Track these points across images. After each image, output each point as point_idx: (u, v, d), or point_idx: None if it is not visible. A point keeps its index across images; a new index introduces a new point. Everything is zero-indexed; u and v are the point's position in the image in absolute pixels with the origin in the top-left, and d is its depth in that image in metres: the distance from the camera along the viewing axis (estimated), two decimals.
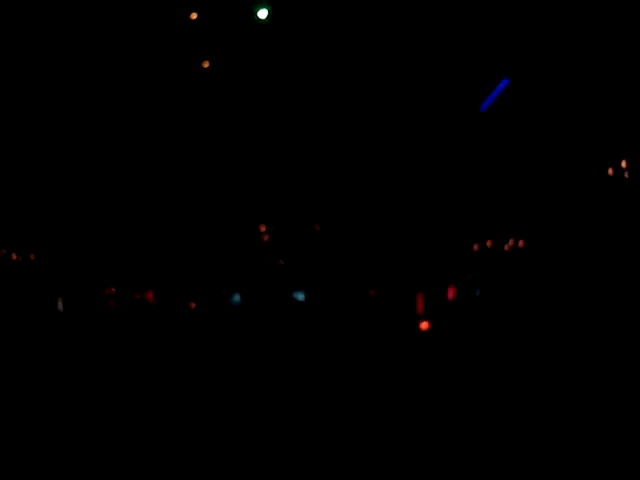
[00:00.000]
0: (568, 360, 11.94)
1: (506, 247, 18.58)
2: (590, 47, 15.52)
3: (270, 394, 10.02)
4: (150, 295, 19.41)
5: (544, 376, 10.75)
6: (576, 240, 16.59)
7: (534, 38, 16.15)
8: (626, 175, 15.67)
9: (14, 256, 17.98)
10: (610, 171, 15.86)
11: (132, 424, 8.34)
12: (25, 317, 17.40)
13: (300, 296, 21.63)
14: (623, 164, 15.86)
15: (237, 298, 21.55)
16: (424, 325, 18.01)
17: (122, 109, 18.12)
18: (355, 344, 15.78)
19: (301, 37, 17.09)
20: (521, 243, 18.31)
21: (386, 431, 7.73)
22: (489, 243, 19.09)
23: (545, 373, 11.01)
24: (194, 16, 16.46)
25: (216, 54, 17.43)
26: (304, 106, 18.98)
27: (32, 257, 18.25)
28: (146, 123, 18.54)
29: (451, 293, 18.81)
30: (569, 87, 15.96)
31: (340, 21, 16.41)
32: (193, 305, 19.56)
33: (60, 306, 18.66)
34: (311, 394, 9.89)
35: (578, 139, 16.32)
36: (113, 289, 19.15)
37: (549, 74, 16.38)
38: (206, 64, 17.69)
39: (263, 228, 20.72)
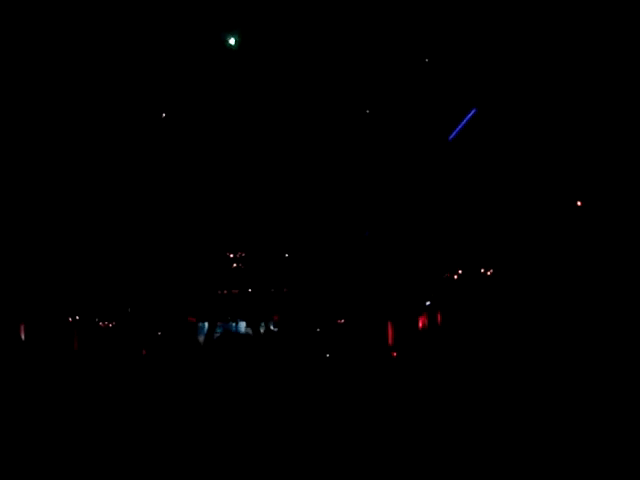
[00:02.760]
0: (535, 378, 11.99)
1: (473, 275, 18.70)
2: (553, 79, 15.88)
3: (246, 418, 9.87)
4: (114, 324, 19.13)
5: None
6: (540, 271, 16.73)
7: (501, 71, 16.46)
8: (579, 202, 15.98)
9: None
10: (576, 201, 16.15)
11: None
12: None
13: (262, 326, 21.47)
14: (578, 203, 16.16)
15: (206, 327, 21.33)
16: (393, 353, 17.99)
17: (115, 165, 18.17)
18: (323, 371, 15.67)
19: (270, 64, 17.20)
20: (488, 272, 18.45)
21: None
22: (455, 273, 19.22)
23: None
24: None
25: (188, 80, 17.47)
26: (276, 138, 18.99)
27: None
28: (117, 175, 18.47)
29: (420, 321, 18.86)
30: (537, 116, 16.25)
31: (310, 50, 16.59)
32: (160, 333, 19.31)
33: (22, 334, 18.28)
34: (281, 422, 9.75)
35: (545, 169, 16.57)
36: (77, 317, 18.83)
37: (514, 105, 16.67)
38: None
39: (231, 255, 20.61)
